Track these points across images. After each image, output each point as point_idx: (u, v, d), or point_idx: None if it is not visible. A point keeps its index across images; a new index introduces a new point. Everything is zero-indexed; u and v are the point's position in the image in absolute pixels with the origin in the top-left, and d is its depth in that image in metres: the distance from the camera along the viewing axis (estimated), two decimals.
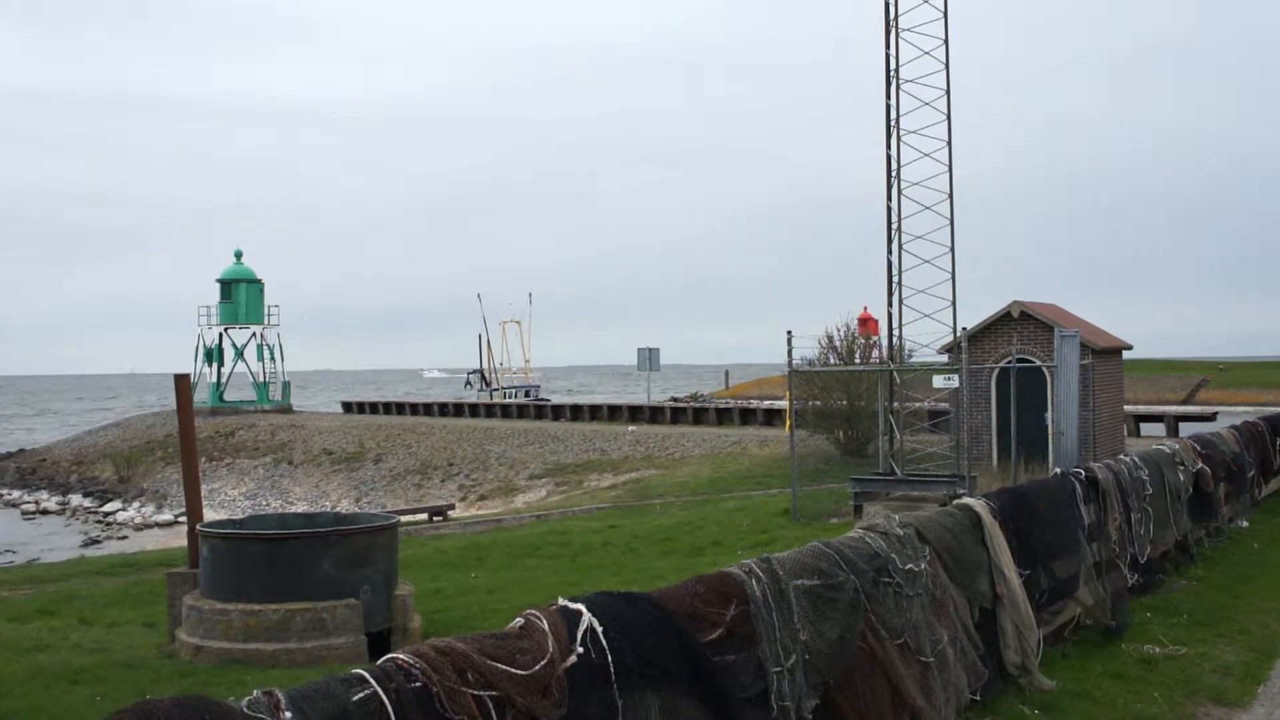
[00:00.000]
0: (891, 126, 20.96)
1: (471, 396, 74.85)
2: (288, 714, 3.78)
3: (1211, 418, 41.43)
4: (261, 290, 64.35)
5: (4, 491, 50.96)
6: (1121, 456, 12.81)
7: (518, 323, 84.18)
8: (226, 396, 64.30)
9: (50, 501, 47.06)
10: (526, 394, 73.64)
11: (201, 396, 60.00)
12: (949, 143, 20.67)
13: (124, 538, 37.69)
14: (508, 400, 66.34)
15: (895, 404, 21.47)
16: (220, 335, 64.11)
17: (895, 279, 20.92)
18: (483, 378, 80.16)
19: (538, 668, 4.52)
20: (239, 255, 64.74)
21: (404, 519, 21.91)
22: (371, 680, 4.09)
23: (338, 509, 36.87)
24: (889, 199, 20.93)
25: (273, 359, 64.63)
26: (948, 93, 20.73)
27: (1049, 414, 22.89)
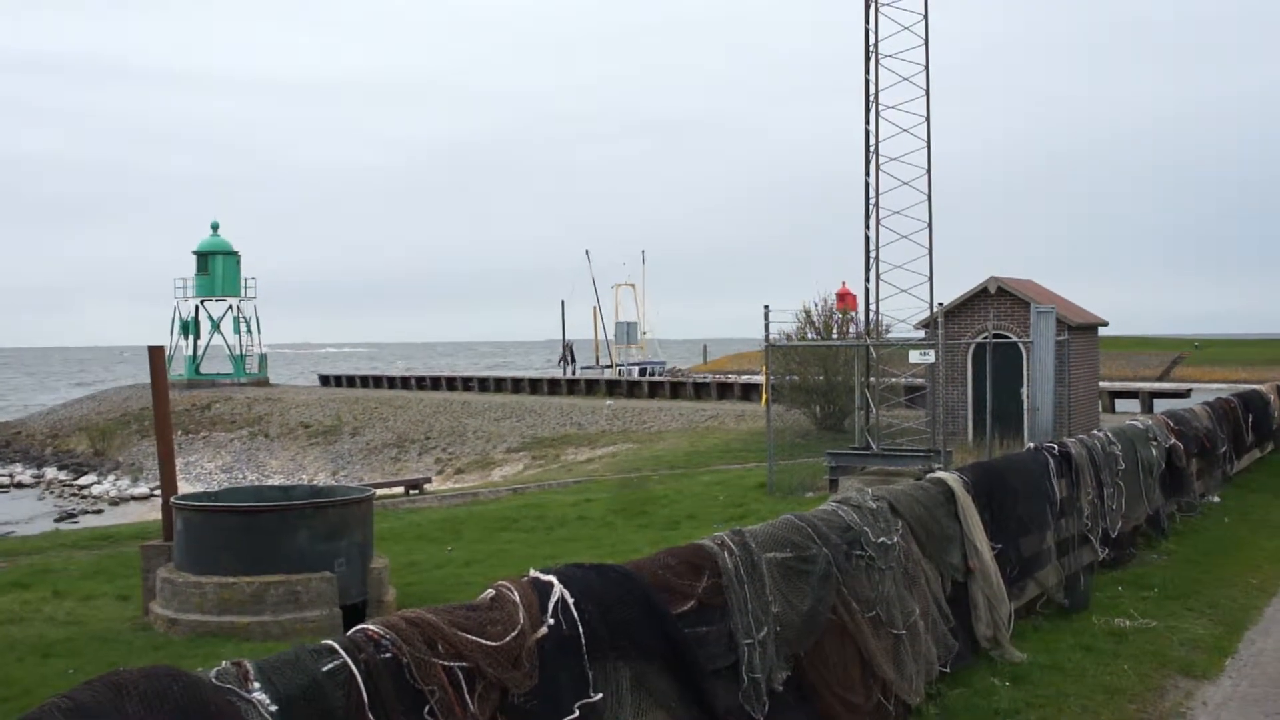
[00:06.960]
0: (871, 101, 20.94)
1: (565, 374, 60.23)
2: (256, 684, 3.77)
3: (1186, 394, 41.72)
4: (238, 262, 63.89)
5: None
6: (1095, 432, 12.88)
7: (632, 286, 68.85)
8: (203, 369, 63.99)
9: (25, 474, 46.72)
10: (643, 372, 57.42)
11: (178, 369, 59.66)
12: (928, 118, 20.66)
13: (99, 511, 37.50)
14: (625, 379, 51.83)
15: (872, 379, 21.53)
16: (196, 308, 63.71)
17: (873, 254, 20.95)
18: (569, 353, 65.76)
19: (508, 639, 4.53)
20: (215, 227, 64.21)
21: (380, 492, 21.86)
22: (341, 651, 4.08)
23: (314, 482, 36.76)
24: (868, 174, 20.93)
25: (249, 332, 64.32)
26: (927, 68, 20.71)
27: (1024, 389, 22.97)
